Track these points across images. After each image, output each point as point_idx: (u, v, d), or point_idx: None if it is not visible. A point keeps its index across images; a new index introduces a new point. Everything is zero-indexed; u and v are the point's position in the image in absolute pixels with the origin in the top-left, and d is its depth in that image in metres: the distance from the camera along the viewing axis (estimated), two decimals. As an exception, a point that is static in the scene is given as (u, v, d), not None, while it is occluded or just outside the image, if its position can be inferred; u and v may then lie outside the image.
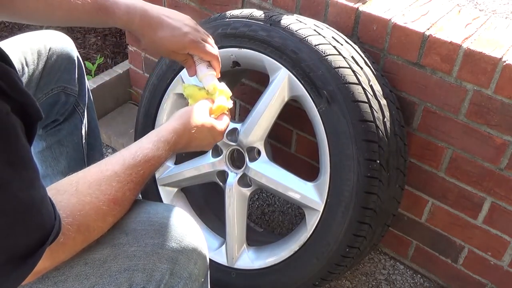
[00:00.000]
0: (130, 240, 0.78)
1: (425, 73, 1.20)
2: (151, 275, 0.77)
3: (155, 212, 0.83)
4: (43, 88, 1.16)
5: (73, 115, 1.28)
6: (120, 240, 0.78)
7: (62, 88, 1.20)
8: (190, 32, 1.00)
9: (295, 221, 1.65)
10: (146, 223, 0.80)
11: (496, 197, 1.24)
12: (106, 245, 0.77)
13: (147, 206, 0.84)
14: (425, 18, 1.21)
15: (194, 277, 0.82)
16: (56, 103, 1.20)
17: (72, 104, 1.25)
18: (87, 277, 0.75)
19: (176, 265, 0.79)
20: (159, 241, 0.79)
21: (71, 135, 1.30)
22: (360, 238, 1.12)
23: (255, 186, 1.26)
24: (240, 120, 1.41)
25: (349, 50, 1.14)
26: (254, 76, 1.56)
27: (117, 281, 0.76)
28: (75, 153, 1.33)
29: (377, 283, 1.48)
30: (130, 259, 0.77)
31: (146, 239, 0.78)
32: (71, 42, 1.21)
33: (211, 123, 0.95)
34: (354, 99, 1.07)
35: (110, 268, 0.76)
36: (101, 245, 0.77)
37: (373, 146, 1.07)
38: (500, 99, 1.12)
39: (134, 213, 0.82)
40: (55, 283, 0.74)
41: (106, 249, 0.77)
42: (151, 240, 0.78)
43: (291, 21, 1.15)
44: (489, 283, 1.37)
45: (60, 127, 1.27)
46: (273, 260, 1.23)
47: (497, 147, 1.18)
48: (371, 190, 1.08)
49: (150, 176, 0.83)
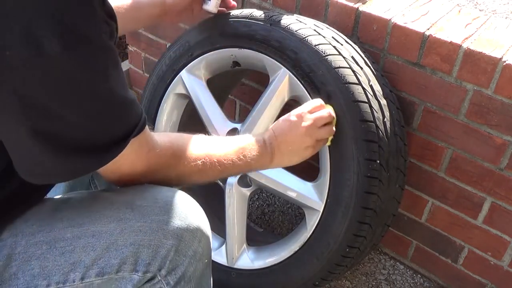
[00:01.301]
0: (136, 216, 0.78)
1: (425, 73, 1.20)
2: (156, 251, 0.78)
3: (159, 191, 0.83)
4: None
5: None
6: (126, 215, 0.78)
7: None
8: None
9: (295, 221, 1.65)
10: (151, 200, 0.81)
11: (496, 197, 1.24)
12: (113, 218, 0.78)
13: (150, 188, 0.85)
14: (425, 18, 1.21)
15: (198, 256, 0.83)
16: None
17: None
18: (93, 249, 0.76)
19: (182, 242, 0.80)
20: (164, 218, 0.79)
21: None
22: (360, 238, 1.12)
23: (255, 186, 1.26)
24: (240, 120, 1.41)
25: (349, 50, 1.14)
26: (254, 76, 1.56)
27: (123, 255, 0.77)
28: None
29: (377, 283, 1.48)
30: (136, 234, 0.77)
31: (151, 215, 0.79)
32: None
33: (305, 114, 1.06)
34: (354, 99, 1.07)
35: (116, 242, 0.77)
36: (108, 218, 0.78)
37: (373, 146, 1.07)
38: (500, 99, 1.12)
39: (139, 191, 0.83)
40: (63, 253, 0.76)
41: (112, 223, 0.78)
42: (156, 217, 0.79)
43: (291, 21, 1.15)
44: (489, 283, 1.37)
45: None
46: (273, 260, 1.23)
47: (497, 147, 1.18)
48: (371, 190, 1.08)
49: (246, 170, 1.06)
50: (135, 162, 0.79)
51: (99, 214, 0.79)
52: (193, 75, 1.30)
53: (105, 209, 0.80)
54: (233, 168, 0.96)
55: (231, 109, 1.70)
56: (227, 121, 1.27)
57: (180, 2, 1.24)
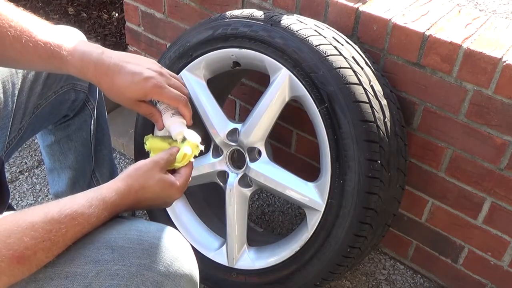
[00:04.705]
0: (115, 257, 0.73)
1: (425, 73, 1.21)
2: None
3: (146, 231, 0.77)
4: (52, 86, 1.14)
5: (83, 111, 1.27)
6: (105, 256, 0.73)
7: (72, 85, 1.18)
8: (153, 77, 0.89)
9: (295, 221, 1.65)
10: (135, 242, 0.75)
11: (496, 197, 1.25)
12: (90, 259, 0.72)
13: (139, 224, 0.79)
14: (425, 18, 1.21)
15: None
16: (66, 101, 1.19)
17: (83, 100, 1.24)
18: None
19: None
20: (146, 262, 0.73)
21: (80, 130, 1.30)
22: (361, 238, 1.12)
23: (256, 187, 1.26)
24: (241, 120, 1.41)
25: (349, 50, 1.14)
26: (254, 76, 1.56)
27: None
28: (83, 148, 1.33)
29: (377, 283, 1.48)
30: (112, 278, 0.71)
31: (132, 258, 0.73)
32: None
33: (165, 181, 0.84)
34: (355, 99, 1.07)
35: (90, 285, 0.71)
36: (85, 258, 0.72)
37: (374, 146, 1.07)
38: (500, 99, 1.12)
39: (124, 229, 0.76)
40: None
41: (88, 264, 0.72)
42: (137, 260, 0.73)
43: (292, 22, 1.15)
44: (489, 283, 1.37)
45: (69, 122, 1.27)
46: (274, 260, 1.23)
47: (497, 147, 1.18)
48: (372, 190, 1.08)
49: (74, 239, 0.71)
50: None
51: (77, 253, 0.72)
52: (193, 75, 1.29)
53: (84, 248, 0.73)
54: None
55: (231, 109, 1.70)
56: (227, 121, 1.27)
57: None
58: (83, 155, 1.34)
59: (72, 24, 2.45)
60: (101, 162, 1.43)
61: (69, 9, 2.54)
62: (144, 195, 0.81)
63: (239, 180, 1.27)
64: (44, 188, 1.73)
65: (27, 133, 1.15)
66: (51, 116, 1.21)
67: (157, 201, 0.85)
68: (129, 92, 0.89)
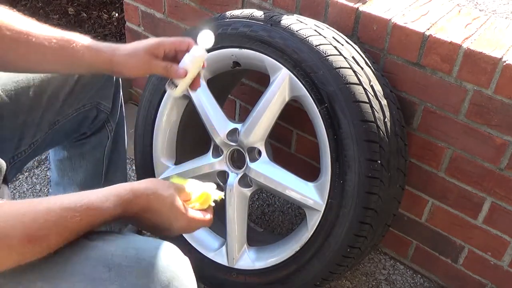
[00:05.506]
0: (112, 276, 0.71)
1: (425, 73, 1.21)
2: None
3: (144, 249, 0.75)
4: (73, 104, 1.13)
5: (101, 131, 1.25)
6: (101, 275, 0.71)
7: (96, 103, 1.18)
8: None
9: (295, 221, 1.65)
10: (133, 260, 0.73)
11: (496, 197, 1.25)
12: (86, 277, 0.71)
13: (137, 241, 0.77)
14: (425, 18, 1.21)
15: None
16: (87, 118, 1.19)
17: (103, 120, 1.23)
18: None
19: None
20: (143, 282, 0.71)
21: (94, 150, 1.28)
22: (361, 238, 1.12)
23: (256, 187, 1.26)
24: (241, 120, 1.41)
25: (349, 50, 1.14)
26: (254, 76, 1.56)
27: None
28: (94, 168, 1.31)
29: (377, 283, 1.48)
30: None
31: (129, 277, 0.71)
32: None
33: (177, 201, 0.82)
34: (355, 99, 1.07)
35: None
36: (81, 276, 0.70)
37: (374, 146, 1.07)
38: (500, 99, 1.12)
39: (122, 247, 0.75)
40: None
41: (83, 282, 0.70)
42: (134, 280, 0.71)
43: (292, 22, 1.15)
44: (489, 283, 1.37)
45: (85, 140, 1.25)
46: (274, 260, 1.23)
47: (497, 147, 1.18)
48: (372, 190, 1.08)
49: (88, 229, 0.72)
50: None
51: (74, 270, 0.71)
52: (193, 75, 1.29)
53: (81, 264, 0.71)
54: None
55: (231, 109, 1.70)
56: (227, 121, 1.27)
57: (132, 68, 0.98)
58: (93, 175, 1.32)
59: (72, 24, 2.45)
60: (112, 184, 1.39)
61: (69, 9, 2.55)
62: (154, 203, 0.79)
63: (239, 180, 1.27)
64: (44, 188, 1.73)
65: (42, 147, 1.14)
66: (69, 132, 1.20)
67: (162, 219, 0.82)
68: (142, 46, 0.95)
